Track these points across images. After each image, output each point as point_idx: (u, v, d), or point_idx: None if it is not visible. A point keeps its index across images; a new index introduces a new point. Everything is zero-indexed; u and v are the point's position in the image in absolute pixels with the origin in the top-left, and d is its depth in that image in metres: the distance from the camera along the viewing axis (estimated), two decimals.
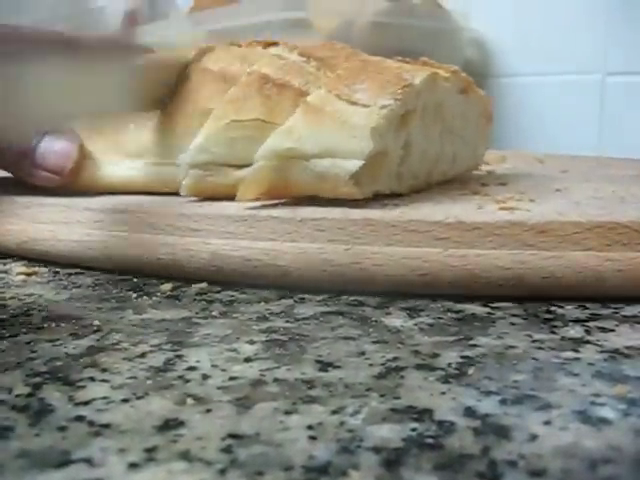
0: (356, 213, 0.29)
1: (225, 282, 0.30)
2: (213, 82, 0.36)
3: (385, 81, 0.31)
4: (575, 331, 0.25)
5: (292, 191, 0.31)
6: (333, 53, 0.36)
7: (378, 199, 0.31)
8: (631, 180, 0.41)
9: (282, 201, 0.32)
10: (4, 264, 0.33)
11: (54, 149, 0.36)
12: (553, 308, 0.27)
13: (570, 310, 0.27)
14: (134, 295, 0.28)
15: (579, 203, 0.32)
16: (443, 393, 0.20)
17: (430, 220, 0.29)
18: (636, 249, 0.28)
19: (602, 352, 0.23)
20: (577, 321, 0.26)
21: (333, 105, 0.30)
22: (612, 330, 0.25)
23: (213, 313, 0.26)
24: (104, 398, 0.19)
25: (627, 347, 0.23)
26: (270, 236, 0.30)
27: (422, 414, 0.18)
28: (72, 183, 0.37)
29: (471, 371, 0.21)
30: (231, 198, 0.32)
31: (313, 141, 0.30)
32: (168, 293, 0.29)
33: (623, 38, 0.63)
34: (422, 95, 0.33)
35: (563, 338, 0.24)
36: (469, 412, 0.18)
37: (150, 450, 0.17)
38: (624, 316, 0.26)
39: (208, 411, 0.18)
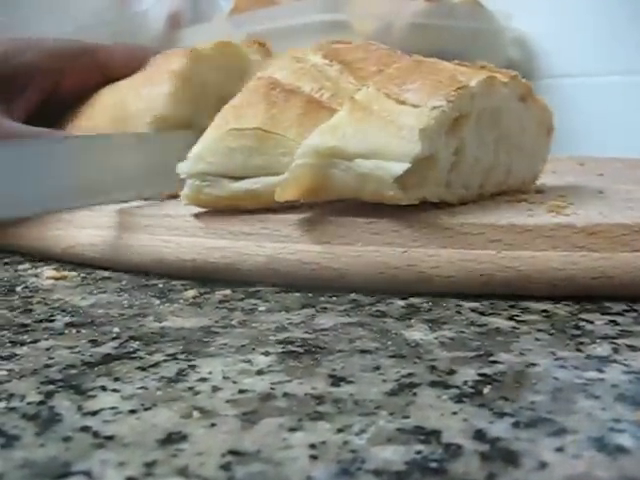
0: (409, 216, 0.29)
1: (279, 285, 0.31)
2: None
3: (438, 82, 0.30)
4: (602, 349, 0.24)
5: (333, 193, 0.30)
6: (365, 55, 0.34)
7: (427, 205, 0.31)
8: None
9: (333, 204, 0.31)
10: (35, 267, 0.34)
11: None
12: (582, 323, 0.26)
13: (599, 326, 0.26)
14: (157, 302, 0.28)
15: (621, 206, 0.32)
16: (454, 413, 0.19)
17: (483, 223, 0.29)
18: None
19: (628, 373, 0.22)
20: (605, 338, 0.24)
21: (381, 104, 0.29)
22: None
23: (232, 322, 0.26)
24: (112, 408, 0.19)
25: None
26: (325, 239, 0.30)
27: (429, 435, 0.18)
28: None
29: (487, 390, 0.20)
30: (234, 211, 0.31)
31: (358, 140, 0.29)
32: (191, 300, 0.29)
33: None
34: (477, 99, 0.31)
35: (588, 356, 0.23)
36: (479, 435, 0.18)
37: (149, 465, 0.17)
38: None
39: (213, 425, 0.18)
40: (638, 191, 0.36)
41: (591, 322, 0.26)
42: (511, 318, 0.27)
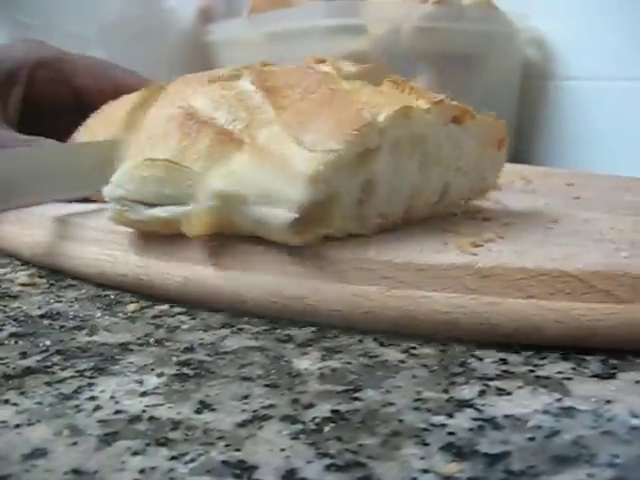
0: (311, 248, 0.31)
1: (198, 305, 0.33)
2: None
3: (341, 120, 0.31)
4: (469, 391, 0.25)
5: (236, 231, 0.32)
6: (298, 80, 0.34)
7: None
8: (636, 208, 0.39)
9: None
10: (15, 272, 0.39)
11: None
12: (471, 360, 0.27)
13: (486, 364, 0.27)
14: (99, 314, 0.32)
15: (553, 242, 0.32)
16: (282, 450, 0.21)
17: (379, 259, 0.30)
18: (579, 299, 0.28)
19: (475, 420, 0.23)
20: (482, 379, 0.26)
21: (280, 145, 0.30)
22: (509, 393, 0.25)
23: (151, 340, 0.29)
24: (2, 422, 0.23)
25: (506, 416, 0.23)
26: (232, 265, 0.32)
27: (245, 471, 0.20)
28: None
29: (328, 429, 0.22)
30: (152, 234, 0.34)
31: (252, 185, 0.30)
32: (129, 314, 0.32)
33: None
34: (389, 132, 0.32)
35: (450, 399, 0.24)
36: (289, 474, 0.20)
37: (2, 478, 0.20)
38: (537, 376, 0.26)
39: (74, 444, 0.22)
40: (597, 221, 0.36)
41: (481, 359, 0.27)
42: (406, 351, 0.28)
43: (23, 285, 0.36)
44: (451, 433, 0.22)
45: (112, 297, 0.34)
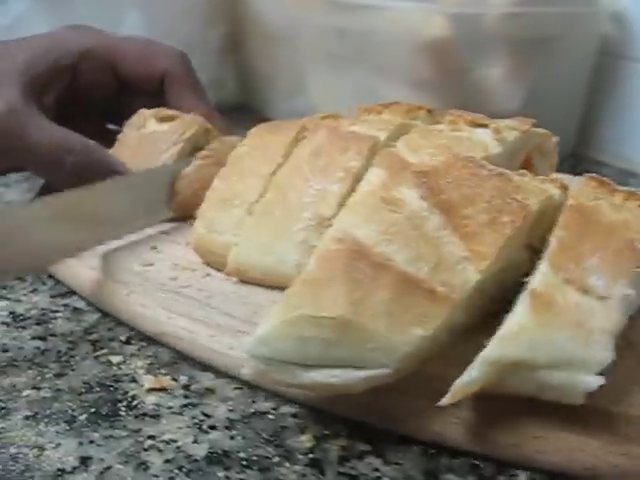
0: None
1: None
2: None
3: (618, 251, 0.26)
4: None
5: (504, 392, 0.26)
6: (472, 190, 0.28)
7: None
8: None
9: None
10: (126, 360, 0.32)
11: None
12: None
13: None
14: (275, 457, 0.27)
15: None
16: None
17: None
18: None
19: None
20: None
21: (564, 295, 0.25)
22: None
23: None
24: None
25: None
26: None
27: None
28: None
29: None
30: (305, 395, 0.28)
31: (546, 348, 0.25)
32: (309, 454, 0.27)
33: None
34: None
35: None
36: None
37: None
38: None
39: None
40: None
41: None
42: None
43: (152, 390, 0.29)
44: None
45: (272, 417, 0.29)
